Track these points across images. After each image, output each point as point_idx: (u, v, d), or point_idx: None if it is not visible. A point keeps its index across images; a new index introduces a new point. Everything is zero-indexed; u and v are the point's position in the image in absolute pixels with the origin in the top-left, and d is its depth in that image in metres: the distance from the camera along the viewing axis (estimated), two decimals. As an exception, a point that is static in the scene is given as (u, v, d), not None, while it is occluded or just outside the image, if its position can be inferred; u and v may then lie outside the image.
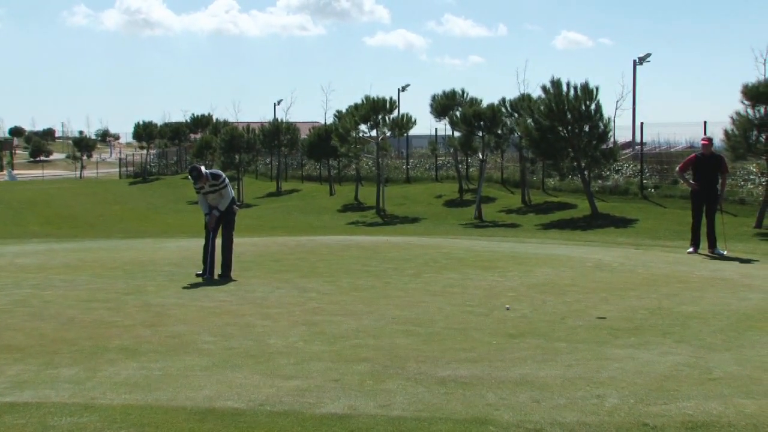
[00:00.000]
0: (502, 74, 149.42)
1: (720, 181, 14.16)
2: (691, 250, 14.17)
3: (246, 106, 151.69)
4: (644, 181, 28.53)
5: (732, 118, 21.16)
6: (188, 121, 68.34)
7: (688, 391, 5.49)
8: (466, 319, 8.32)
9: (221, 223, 11.77)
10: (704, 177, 14.08)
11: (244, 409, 5.16)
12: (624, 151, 33.02)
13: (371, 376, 5.97)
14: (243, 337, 7.41)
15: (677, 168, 14.57)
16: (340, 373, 6.05)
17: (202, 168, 11.67)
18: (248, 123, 48.55)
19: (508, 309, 8.76)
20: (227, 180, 11.86)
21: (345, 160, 41.01)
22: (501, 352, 6.80)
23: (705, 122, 26.00)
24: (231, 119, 65.02)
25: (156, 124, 70.87)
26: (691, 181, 14.16)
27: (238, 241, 17.15)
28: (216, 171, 11.94)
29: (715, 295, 9.59)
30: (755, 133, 20.77)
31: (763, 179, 23.40)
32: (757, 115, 20.77)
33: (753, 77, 49.96)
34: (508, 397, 5.43)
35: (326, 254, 14.12)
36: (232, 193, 12.01)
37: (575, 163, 25.88)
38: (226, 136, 43.62)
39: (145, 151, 70.60)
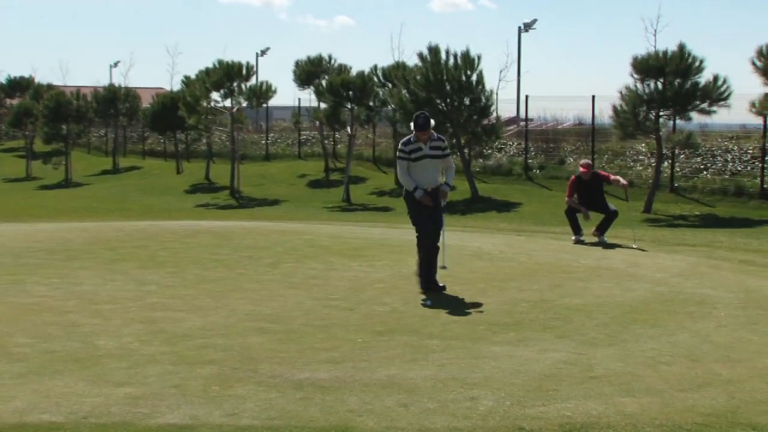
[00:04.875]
0: (374, 39, 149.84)
1: (611, 184, 15.08)
2: (574, 238, 14.69)
3: (76, 68, 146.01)
4: (529, 160, 29.41)
5: (621, 92, 22.08)
6: (3, 83, 65.33)
7: (568, 391, 5.71)
8: (328, 314, 8.35)
9: (431, 212, 9.65)
10: (587, 197, 14.76)
11: (62, 422, 5.02)
12: (507, 128, 33.90)
13: (218, 381, 5.92)
14: (66, 338, 7.19)
15: (566, 197, 15.15)
16: (182, 378, 5.97)
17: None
18: (78, 87, 46.89)
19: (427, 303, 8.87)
20: None
21: (194, 134, 40.32)
22: (366, 351, 6.86)
23: (593, 96, 27.08)
24: (57, 83, 62.61)
25: (-39, 87, 67.32)
26: (583, 208, 14.71)
27: (65, 227, 16.63)
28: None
29: (599, 286, 10.00)
30: (644, 109, 21.73)
31: (653, 160, 24.53)
32: (647, 90, 21.73)
33: (643, 49, 52.27)
34: (372, 401, 5.49)
35: (170, 241, 13.88)
36: None
37: (454, 140, 26.38)
38: (50, 102, 41.97)
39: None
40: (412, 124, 9.46)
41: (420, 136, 9.44)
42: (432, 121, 9.46)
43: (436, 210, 9.68)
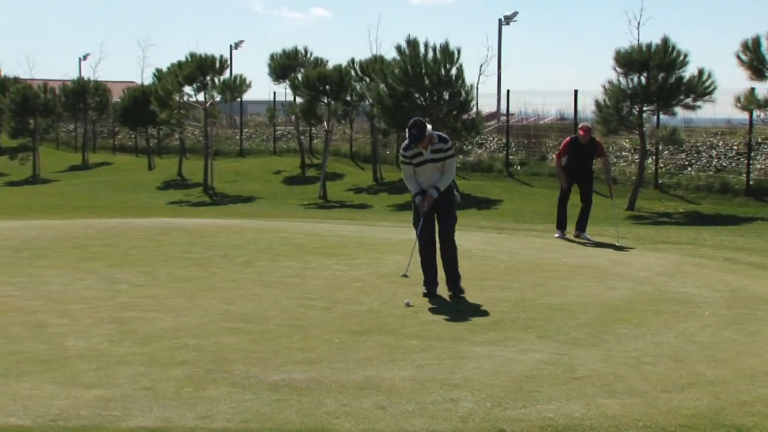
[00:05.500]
0: (352, 32, 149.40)
1: (601, 164, 15.14)
2: (558, 233, 14.79)
3: (43, 61, 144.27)
4: (510, 156, 29.48)
5: (604, 87, 22.17)
6: (-31, 76, 64.81)
7: (550, 392, 5.73)
8: (304, 314, 8.35)
9: (437, 213, 9.54)
10: (577, 161, 14.70)
11: (30, 425, 4.99)
12: (488, 123, 33.93)
13: (190, 383, 5.90)
14: (33, 339, 7.15)
15: (555, 156, 15.14)
16: (153, 380, 5.96)
17: (428, 125, 9.38)
18: (46, 81, 46.61)
19: (408, 305, 8.86)
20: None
21: (166, 129, 40.10)
22: (344, 351, 6.87)
23: (576, 91, 27.19)
24: (24, 76, 62.12)
25: None
26: (563, 176, 14.77)
27: (32, 224, 16.52)
28: (441, 133, 9.60)
29: (582, 285, 10.05)
30: (628, 104, 21.82)
31: (636, 156, 24.67)
32: (630, 85, 21.82)
33: (626, 42, 52.53)
34: (350, 403, 5.49)
35: (141, 239, 13.83)
36: (455, 170, 9.70)
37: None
38: (17, 96, 41.66)
39: None
40: (407, 132, 9.35)
41: (418, 144, 9.33)
42: (428, 126, 9.27)
43: (442, 217, 9.50)
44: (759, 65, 19.60)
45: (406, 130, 9.34)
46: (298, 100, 32.52)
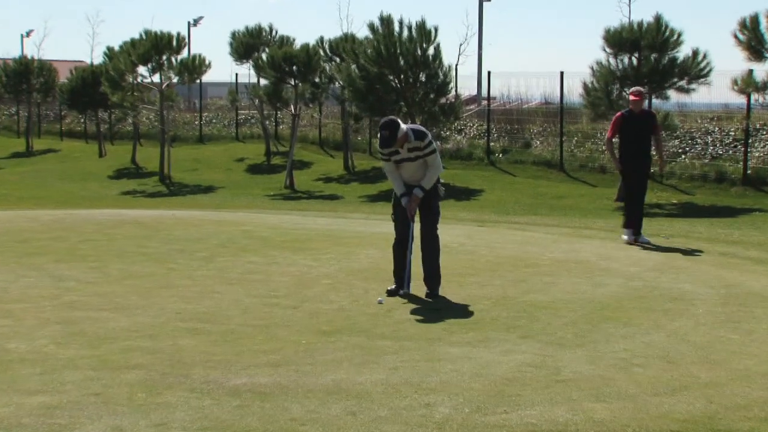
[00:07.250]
0: (320, 8, 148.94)
1: (654, 142, 13.92)
2: (630, 238, 13.43)
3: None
4: (491, 143, 29.54)
5: (592, 68, 22.23)
6: None
7: (533, 396, 5.76)
8: (269, 313, 8.35)
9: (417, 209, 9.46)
10: (635, 142, 13.54)
11: (-31, 435, 4.96)
12: (468, 107, 33.99)
13: (144, 388, 5.89)
14: (-27, 342, 7.10)
15: (606, 136, 14.07)
16: (104, 385, 5.94)
17: (402, 123, 9.22)
18: (-14, 60, 46.24)
19: (380, 302, 8.90)
20: (434, 141, 9.52)
21: (119, 113, 39.86)
22: (311, 353, 6.87)
23: (562, 73, 27.26)
24: (-38, 54, 61.64)
25: None
26: (617, 156, 13.64)
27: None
28: (419, 127, 9.49)
29: (568, 281, 10.10)
30: (618, 86, 21.90)
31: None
32: (620, 66, 21.91)
33: (616, 20, 52.67)
34: (317, 409, 5.50)
35: (92, 233, 13.79)
36: (441, 164, 9.62)
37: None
38: (-46, 76, 41.34)
39: None
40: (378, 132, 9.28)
41: (391, 147, 9.25)
42: (402, 128, 9.08)
43: (423, 212, 9.44)
44: (758, 45, 19.69)
45: (378, 130, 9.26)
46: (263, 81, 32.42)
